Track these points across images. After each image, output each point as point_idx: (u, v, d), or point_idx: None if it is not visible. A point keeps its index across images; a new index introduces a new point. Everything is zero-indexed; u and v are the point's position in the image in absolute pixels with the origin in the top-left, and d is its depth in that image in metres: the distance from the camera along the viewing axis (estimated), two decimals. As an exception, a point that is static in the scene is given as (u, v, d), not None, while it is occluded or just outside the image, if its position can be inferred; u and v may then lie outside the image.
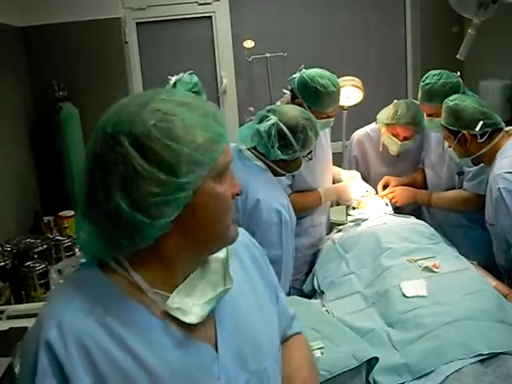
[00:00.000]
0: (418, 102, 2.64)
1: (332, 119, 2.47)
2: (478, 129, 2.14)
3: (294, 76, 2.44)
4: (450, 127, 2.23)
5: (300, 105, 2.34)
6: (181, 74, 2.59)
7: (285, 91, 2.53)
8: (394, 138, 2.70)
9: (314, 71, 2.40)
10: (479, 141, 2.16)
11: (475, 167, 2.39)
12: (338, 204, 2.95)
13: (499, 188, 2.03)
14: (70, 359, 0.78)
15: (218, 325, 0.91)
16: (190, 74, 2.61)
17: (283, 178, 2.22)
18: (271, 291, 1.09)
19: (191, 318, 0.84)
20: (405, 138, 2.69)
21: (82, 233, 0.87)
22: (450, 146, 2.31)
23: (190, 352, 0.86)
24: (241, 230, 1.00)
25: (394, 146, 2.73)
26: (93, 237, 0.85)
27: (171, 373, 0.83)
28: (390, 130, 2.71)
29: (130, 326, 0.82)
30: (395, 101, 2.72)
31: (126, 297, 0.84)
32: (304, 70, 2.42)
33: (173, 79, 2.57)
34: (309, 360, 1.15)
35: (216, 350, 0.89)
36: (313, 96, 2.35)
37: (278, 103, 2.53)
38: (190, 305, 0.86)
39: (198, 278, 0.90)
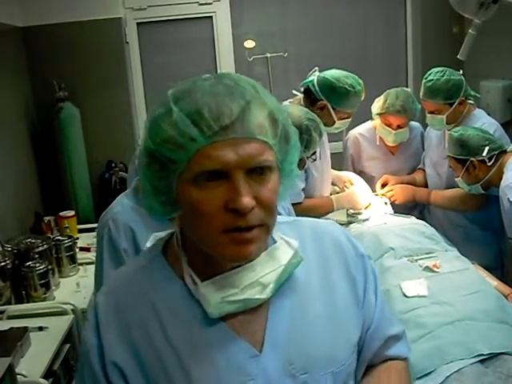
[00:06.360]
0: (409, 90, 2.65)
1: (350, 119, 2.48)
2: (485, 153, 2.21)
3: (311, 79, 2.41)
4: (458, 156, 2.29)
5: (323, 107, 2.35)
6: None
7: (295, 92, 2.50)
8: (387, 127, 2.70)
9: (335, 72, 2.39)
10: (488, 164, 2.23)
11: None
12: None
13: (508, 199, 2.06)
14: (105, 323, 0.85)
15: (268, 324, 0.87)
16: None
17: (298, 182, 2.21)
18: (358, 306, 0.95)
19: (211, 312, 0.82)
20: (398, 127, 2.68)
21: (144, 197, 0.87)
22: (457, 176, 2.35)
23: (222, 344, 0.84)
24: (338, 229, 0.99)
25: (388, 135, 2.72)
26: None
27: (193, 353, 0.83)
28: (382, 121, 2.71)
29: (169, 304, 0.86)
30: (387, 91, 2.72)
31: (175, 277, 0.87)
32: (318, 72, 2.40)
33: None
34: None
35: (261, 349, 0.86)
36: (341, 96, 2.35)
37: (287, 103, 2.48)
38: (215, 298, 0.82)
39: (241, 273, 0.84)
